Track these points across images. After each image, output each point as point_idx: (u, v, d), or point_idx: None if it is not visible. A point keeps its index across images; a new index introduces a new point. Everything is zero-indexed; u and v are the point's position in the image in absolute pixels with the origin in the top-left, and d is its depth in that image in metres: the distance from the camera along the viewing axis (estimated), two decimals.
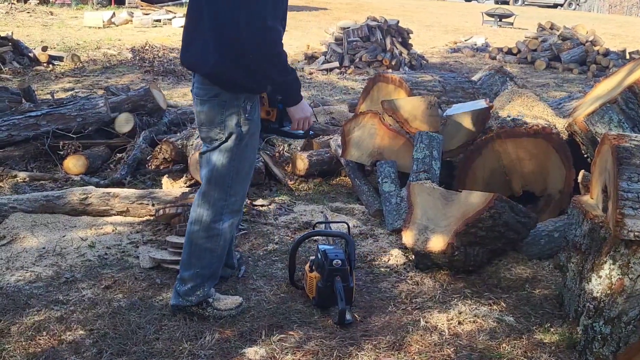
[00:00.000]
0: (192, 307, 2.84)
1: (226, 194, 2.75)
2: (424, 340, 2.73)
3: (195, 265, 2.81)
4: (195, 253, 2.80)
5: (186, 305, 2.83)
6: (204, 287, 2.83)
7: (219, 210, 2.76)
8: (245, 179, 2.80)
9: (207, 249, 2.80)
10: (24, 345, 2.59)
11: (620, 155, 2.51)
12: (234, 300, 2.92)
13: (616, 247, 2.55)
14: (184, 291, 2.82)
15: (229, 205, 2.77)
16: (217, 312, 2.84)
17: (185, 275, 2.83)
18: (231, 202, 2.77)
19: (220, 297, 2.90)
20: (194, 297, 2.83)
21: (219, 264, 2.89)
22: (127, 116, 5.30)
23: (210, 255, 2.81)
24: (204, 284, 2.83)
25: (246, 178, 2.81)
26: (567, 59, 11.84)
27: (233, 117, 2.65)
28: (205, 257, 2.81)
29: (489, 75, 5.75)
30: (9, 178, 4.63)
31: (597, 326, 2.50)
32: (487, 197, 3.27)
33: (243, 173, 2.77)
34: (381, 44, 11.38)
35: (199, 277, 2.82)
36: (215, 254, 2.82)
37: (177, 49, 11.01)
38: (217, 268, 2.88)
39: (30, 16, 14.94)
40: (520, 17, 20.10)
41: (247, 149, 2.72)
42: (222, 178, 2.73)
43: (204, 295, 2.84)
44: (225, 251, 2.90)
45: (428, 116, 4.44)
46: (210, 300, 2.86)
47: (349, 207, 4.43)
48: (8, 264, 3.34)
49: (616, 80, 4.14)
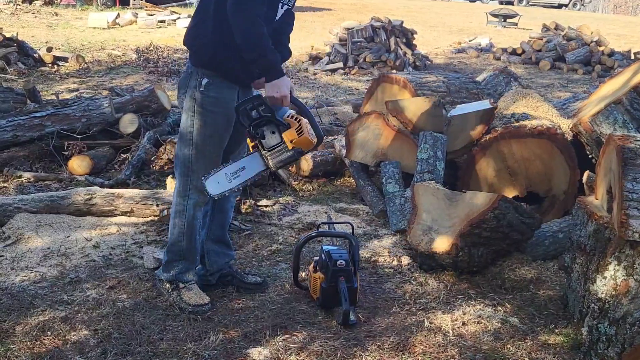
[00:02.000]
0: (164, 282, 2.95)
1: (188, 169, 2.81)
2: (428, 341, 2.72)
3: (170, 239, 2.93)
4: (171, 224, 2.92)
5: (159, 277, 2.98)
6: (177, 266, 2.91)
7: (184, 186, 2.84)
8: (208, 160, 2.79)
9: (175, 224, 2.89)
10: (28, 345, 2.59)
11: (625, 156, 2.50)
12: (200, 299, 2.91)
13: (621, 248, 2.54)
14: (163, 262, 2.98)
15: (192, 182, 2.81)
16: (179, 300, 2.90)
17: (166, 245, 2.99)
18: (194, 178, 2.80)
19: (192, 289, 2.93)
20: (166, 274, 2.94)
21: (189, 246, 2.91)
22: (131, 117, 5.31)
23: (178, 231, 2.88)
24: (175, 262, 2.91)
25: (209, 159, 2.80)
26: (572, 60, 11.82)
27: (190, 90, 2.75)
28: (174, 232, 2.90)
29: (493, 76, 5.74)
30: (13, 178, 4.65)
31: (601, 327, 2.49)
32: (491, 198, 3.27)
33: (205, 152, 2.79)
34: (385, 45, 11.38)
35: (170, 253, 2.94)
36: (181, 231, 2.87)
37: (182, 50, 11.03)
38: (186, 249, 2.90)
39: (35, 17, 14.98)
40: (525, 17, 20.06)
41: (206, 127, 2.75)
42: (184, 156, 2.81)
43: (175, 277, 2.92)
44: (194, 235, 2.91)
45: (432, 117, 4.44)
46: (181, 285, 2.92)
47: (353, 207, 4.43)
48: (13, 264, 3.35)
49: (621, 80, 4.12)
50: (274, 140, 2.66)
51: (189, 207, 2.86)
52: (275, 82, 2.66)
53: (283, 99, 2.68)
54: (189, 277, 2.95)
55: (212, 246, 3.09)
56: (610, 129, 3.76)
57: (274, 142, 2.66)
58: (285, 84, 2.67)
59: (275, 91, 2.66)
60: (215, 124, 2.77)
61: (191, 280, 2.96)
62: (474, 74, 8.36)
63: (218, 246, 3.10)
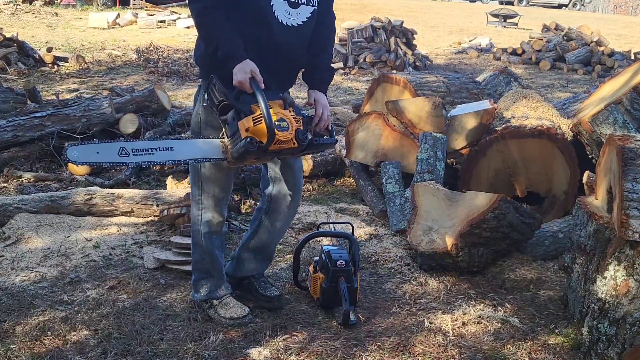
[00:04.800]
0: (200, 304, 2.88)
1: (198, 188, 2.75)
2: (428, 341, 2.72)
3: (193, 257, 2.88)
4: (192, 244, 2.87)
5: (193, 299, 2.91)
6: (206, 284, 2.84)
7: (196, 206, 2.79)
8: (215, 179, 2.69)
9: (194, 243, 2.85)
10: (28, 345, 2.59)
11: (625, 156, 2.50)
12: (240, 310, 2.83)
13: (621, 248, 2.54)
14: (193, 284, 2.91)
15: (203, 201, 2.76)
16: (217, 317, 2.82)
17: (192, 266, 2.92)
18: (204, 197, 2.75)
19: (228, 303, 2.84)
20: (197, 294, 2.87)
21: (212, 262, 2.84)
22: (131, 117, 5.32)
23: (199, 250, 2.83)
24: (203, 280, 2.85)
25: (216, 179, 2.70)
26: (572, 60, 11.82)
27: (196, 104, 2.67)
28: (195, 251, 2.85)
29: (493, 76, 5.74)
30: (14, 178, 4.65)
31: (602, 327, 2.49)
32: (491, 198, 3.27)
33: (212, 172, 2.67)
34: (385, 45, 11.38)
35: (196, 271, 2.88)
36: (202, 251, 2.82)
37: (182, 50, 11.04)
38: (210, 266, 2.84)
39: (35, 17, 14.98)
40: (525, 17, 20.06)
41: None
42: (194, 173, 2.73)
43: (208, 295, 2.85)
44: (213, 251, 2.83)
45: (432, 117, 4.44)
46: (215, 302, 2.84)
47: (353, 207, 4.43)
48: (13, 264, 3.35)
49: (621, 81, 4.13)
50: (231, 128, 2.43)
51: (203, 227, 2.80)
52: (234, 69, 2.41)
53: (241, 85, 2.41)
54: (221, 292, 2.85)
55: (246, 254, 2.99)
56: (611, 129, 3.76)
57: (231, 130, 2.43)
58: (242, 69, 2.40)
59: (234, 78, 2.41)
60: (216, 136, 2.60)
61: (225, 295, 2.86)
62: (474, 74, 8.37)
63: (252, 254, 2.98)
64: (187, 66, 9.79)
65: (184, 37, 13.04)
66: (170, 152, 2.46)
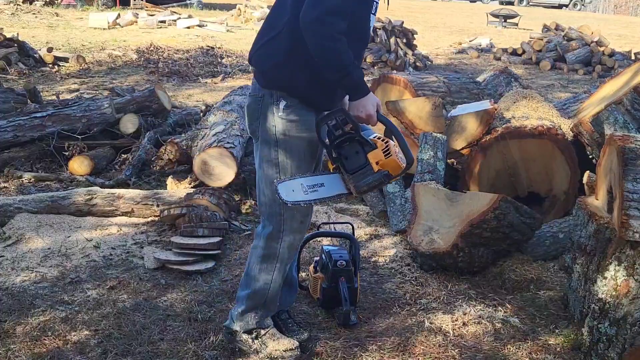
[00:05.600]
0: (241, 334, 2.60)
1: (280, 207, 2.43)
2: (429, 342, 2.72)
3: (250, 285, 2.57)
4: (252, 272, 2.56)
5: (233, 329, 2.60)
6: (257, 313, 2.58)
7: (277, 227, 2.48)
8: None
9: (261, 269, 2.54)
10: (29, 345, 2.60)
11: (625, 156, 2.50)
12: (289, 344, 2.59)
13: (621, 248, 2.54)
14: (236, 314, 2.60)
15: (286, 221, 2.47)
16: (263, 348, 2.58)
17: (239, 295, 2.61)
18: (287, 217, 2.46)
19: (275, 334, 2.61)
20: (241, 322, 2.59)
21: (275, 293, 2.58)
22: (132, 117, 5.32)
23: (264, 277, 2.54)
24: (256, 310, 2.58)
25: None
26: (573, 60, 11.81)
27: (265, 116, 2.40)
28: (260, 278, 2.54)
29: (493, 76, 5.74)
30: (14, 179, 4.65)
31: (602, 328, 2.49)
32: (491, 198, 3.27)
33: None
34: (385, 45, 11.37)
35: (251, 300, 2.57)
36: (269, 278, 2.54)
37: (182, 50, 11.04)
38: (271, 297, 2.57)
39: (35, 17, 14.98)
40: (525, 17, 20.06)
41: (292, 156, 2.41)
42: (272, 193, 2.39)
43: (256, 324, 2.59)
44: (282, 279, 2.59)
45: (433, 117, 4.44)
46: (262, 332, 2.60)
47: (354, 207, 4.43)
48: (13, 264, 3.35)
49: (622, 81, 4.13)
50: (357, 161, 2.34)
51: (282, 250, 2.50)
52: (361, 100, 2.33)
53: (369, 119, 2.36)
54: (268, 321, 2.63)
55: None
56: (611, 130, 3.76)
57: (358, 164, 2.33)
58: (371, 102, 2.35)
59: (361, 110, 2.34)
60: (300, 151, 2.42)
61: (271, 325, 2.64)
62: (475, 74, 8.36)
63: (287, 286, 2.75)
64: (187, 66, 9.79)
65: (184, 37, 13.04)
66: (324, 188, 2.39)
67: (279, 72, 2.37)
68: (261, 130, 2.43)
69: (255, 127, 2.46)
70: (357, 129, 2.33)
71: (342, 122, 2.32)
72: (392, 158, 2.32)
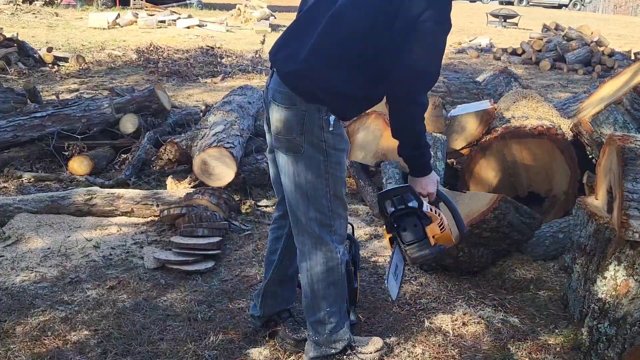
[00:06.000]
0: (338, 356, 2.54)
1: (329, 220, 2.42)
2: (428, 341, 2.72)
3: (323, 305, 2.50)
4: (319, 292, 2.49)
5: (330, 353, 2.52)
6: (342, 329, 2.53)
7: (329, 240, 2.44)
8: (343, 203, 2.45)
9: (330, 282, 2.48)
10: (29, 345, 2.60)
11: (625, 156, 2.50)
12: (377, 343, 2.63)
13: (621, 248, 2.54)
14: (324, 339, 2.51)
15: (337, 232, 2.45)
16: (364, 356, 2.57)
17: (315, 320, 2.52)
18: (337, 228, 2.45)
19: (360, 340, 2.62)
20: (337, 344, 2.52)
21: (344, 298, 2.57)
22: (131, 117, 5.32)
23: (334, 293, 2.49)
24: (340, 326, 2.53)
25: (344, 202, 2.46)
26: (572, 60, 11.81)
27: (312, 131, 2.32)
28: (330, 293, 2.49)
29: (493, 76, 5.75)
30: (14, 178, 4.65)
31: (602, 327, 2.49)
32: (491, 198, 3.27)
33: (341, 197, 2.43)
34: None
35: (332, 316, 2.51)
36: (338, 292, 2.51)
37: (182, 50, 11.04)
38: (342, 303, 2.56)
39: (35, 17, 14.98)
40: (525, 17, 20.06)
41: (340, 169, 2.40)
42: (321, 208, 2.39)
43: (347, 340, 2.55)
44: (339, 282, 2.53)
45: (432, 117, 4.44)
46: (355, 345, 2.58)
47: (354, 207, 4.43)
48: (13, 264, 3.35)
49: (621, 81, 4.13)
50: (415, 234, 2.40)
51: (341, 261, 2.48)
52: (425, 178, 2.42)
53: (430, 196, 2.45)
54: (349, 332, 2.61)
55: (274, 287, 2.72)
56: (611, 130, 3.77)
57: (415, 236, 2.40)
58: (433, 181, 2.43)
59: (422, 188, 2.42)
60: (344, 162, 2.41)
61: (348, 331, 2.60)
62: (474, 74, 8.36)
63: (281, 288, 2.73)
64: (187, 66, 9.79)
65: (184, 37, 13.04)
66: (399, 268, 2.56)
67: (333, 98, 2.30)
68: (306, 146, 2.32)
69: (297, 141, 2.32)
70: (421, 206, 2.41)
71: (407, 199, 2.40)
72: (447, 232, 2.41)
